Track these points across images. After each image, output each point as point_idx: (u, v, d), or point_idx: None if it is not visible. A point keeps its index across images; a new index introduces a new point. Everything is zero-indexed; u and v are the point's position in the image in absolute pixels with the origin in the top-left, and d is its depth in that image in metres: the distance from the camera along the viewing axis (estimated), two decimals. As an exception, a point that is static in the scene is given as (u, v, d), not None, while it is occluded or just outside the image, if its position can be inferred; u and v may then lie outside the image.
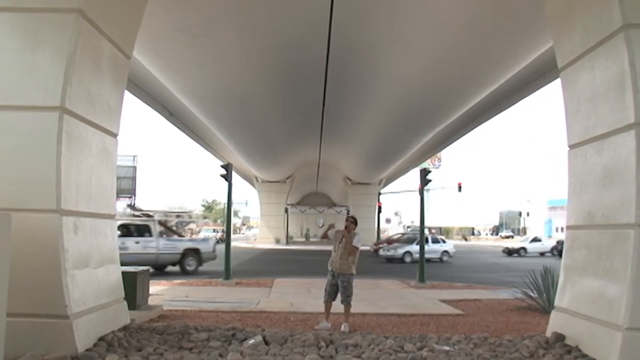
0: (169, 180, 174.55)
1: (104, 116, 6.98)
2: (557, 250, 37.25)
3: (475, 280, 18.15)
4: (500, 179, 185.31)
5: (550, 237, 79.97)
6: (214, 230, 63.94)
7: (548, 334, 6.99)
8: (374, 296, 12.82)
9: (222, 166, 16.39)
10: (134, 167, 37.31)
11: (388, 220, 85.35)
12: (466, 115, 24.46)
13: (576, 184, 6.95)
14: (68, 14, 6.00)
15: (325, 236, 9.13)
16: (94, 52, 6.58)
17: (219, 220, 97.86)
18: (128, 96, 19.64)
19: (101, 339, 6.21)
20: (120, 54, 7.30)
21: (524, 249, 41.05)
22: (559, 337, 6.65)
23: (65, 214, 5.89)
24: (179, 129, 30.49)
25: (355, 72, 17.42)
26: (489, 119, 26.47)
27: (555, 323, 7.03)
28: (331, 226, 9.19)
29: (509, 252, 40.93)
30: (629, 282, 5.65)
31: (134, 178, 37.12)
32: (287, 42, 14.69)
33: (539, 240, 43.08)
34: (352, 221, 8.96)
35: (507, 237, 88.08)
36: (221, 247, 18.46)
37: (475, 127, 28.87)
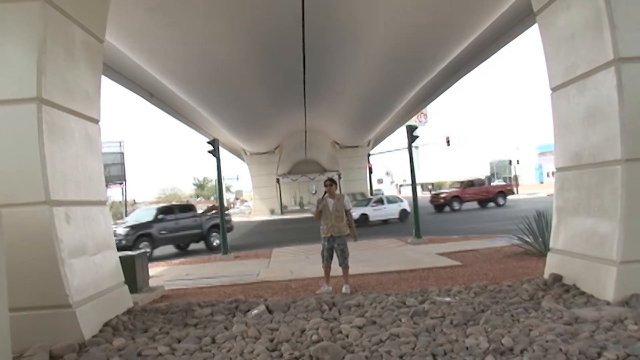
0: (158, 163, 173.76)
1: (83, 103, 6.91)
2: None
3: (473, 231, 18.32)
4: (488, 130, 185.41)
5: (541, 182, 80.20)
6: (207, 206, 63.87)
7: (546, 275, 7.13)
8: (372, 256, 12.94)
9: (209, 142, 16.31)
10: (122, 153, 37.05)
11: (380, 181, 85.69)
12: (448, 68, 24.32)
13: (561, 126, 7.00)
14: (33, 3, 5.89)
15: (319, 215, 8.89)
16: (66, 39, 6.48)
17: (211, 198, 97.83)
18: (107, 81, 19.49)
19: (106, 324, 6.27)
20: (92, 38, 7.19)
21: (457, 198, 34.17)
22: (557, 278, 6.77)
23: (55, 204, 5.88)
24: (162, 109, 30.18)
25: (333, 35, 17.24)
26: (471, 70, 26.34)
27: (552, 264, 7.16)
28: (320, 201, 9.01)
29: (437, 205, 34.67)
30: (620, 218, 5.75)
31: (122, 164, 36.89)
32: (260, 13, 14.49)
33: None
34: (330, 183, 8.92)
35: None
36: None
37: (458, 79, 28.73)
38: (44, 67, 5.89)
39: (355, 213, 25.78)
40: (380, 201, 28.27)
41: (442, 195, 35.38)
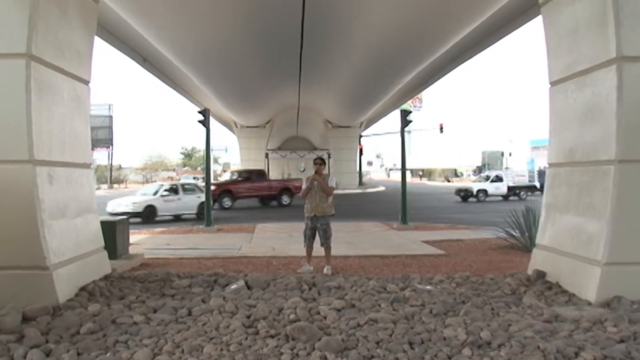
0: (146, 129, 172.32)
1: (74, 62, 6.79)
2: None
3: (460, 220, 18.42)
4: (482, 120, 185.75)
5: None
6: (195, 177, 63.46)
7: (529, 271, 7.15)
8: (355, 239, 12.95)
9: (200, 112, 16.20)
10: (110, 117, 36.88)
11: (370, 163, 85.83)
12: (447, 55, 24.18)
13: (557, 122, 6.97)
14: (28, -44, 5.74)
15: (307, 193, 8.82)
16: (60, -4, 6.34)
17: (199, 168, 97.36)
18: (100, 43, 19.20)
19: (82, 288, 6.24)
20: (87, -4, 7.06)
21: (484, 191, 33.02)
22: (540, 274, 6.80)
23: (38, 164, 5.79)
24: (154, 75, 29.87)
25: (333, 11, 17.05)
26: (469, 58, 26.26)
27: (537, 260, 7.18)
28: (311, 180, 8.95)
29: (464, 196, 33.36)
30: (609, 218, 5.75)
31: (110, 128, 36.77)
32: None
33: (500, 180, 33.99)
34: (320, 162, 8.95)
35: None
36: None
37: (456, 66, 28.65)
38: (35, 23, 5.76)
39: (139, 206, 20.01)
40: (173, 190, 21.55)
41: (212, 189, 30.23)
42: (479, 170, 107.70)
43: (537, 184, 34.01)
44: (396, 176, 77.02)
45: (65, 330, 4.92)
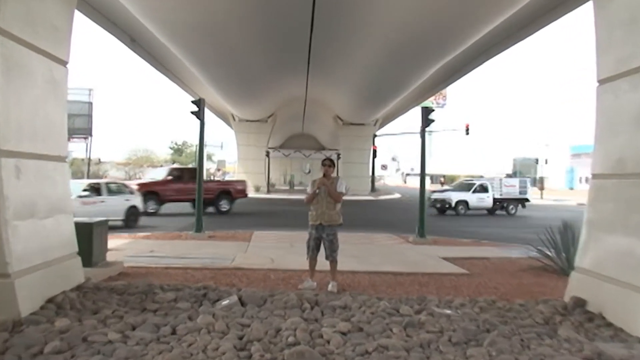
0: (132, 120, 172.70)
1: (50, 40, 6.73)
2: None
3: (486, 235, 18.27)
4: (514, 121, 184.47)
5: (572, 189, 79.51)
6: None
7: (566, 298, 7.02)
8: (365, 252, 12.89)
9: (193, 102, 16.15)
10: (90, 103, 36.87)
11: (384, 167, 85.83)
12: (476, 46, 24.12)
13: (605, 126, 6.85)
14: None
15: (312, 199, 8.75)
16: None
17: (190, 165, 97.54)
18: (80, 18, 19.15)
19: (50, 300, 6.16)
20: (67, -37, 7.01)
21: (464, 203, 31.01)
22: (579, 302, 6.66)
23: (4, 155, 5.73)
24: (143, 58, 29.92)
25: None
26: (502, 51, 26.17)
27: (575, 286, 7.05)
28: (319, 183, 8.87)
29: (441, 208, 31.23)
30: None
31: (89, 116, 36.73)
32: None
33: (485, 190, 31.74)
34: (330, 164, 8.86)
35: None
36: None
37: (486, 60, 28.58)
38: (2, -10, 5.70)
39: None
40: (95, 189, 19.10)
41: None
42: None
43: (529, 196, 33.22)
44: (414, 182, 77.00)
45: (25, 349, 4.83)
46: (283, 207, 32.90)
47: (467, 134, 50.91)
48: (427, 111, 16.50)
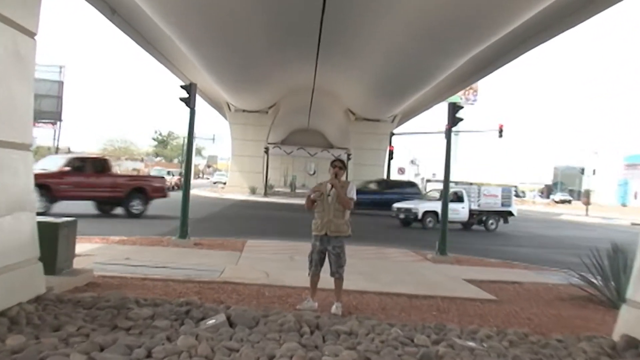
0: (110, 105, 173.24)
1: (16, 7, 6.71)
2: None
3: (516, 256, 18.19)
4: (556, 123, 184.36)
5: (624, 205, 78.71)
6: (169, 172, 63.70)
7: (615, 336, 6.93)
8: (376, 269, 12.87)
9: (183, 87, 16.16)
10: (60, 83, 36.91)
11: (401, 171, 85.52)
12: (513, 35, 24.11)
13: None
14: None
15: (312, 204, 8.75)
16: None
17: (176, 160, 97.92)
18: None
19: (2, 313, 6.12)
20: None
21: (433, 214, 28.73)
22: (632, 343, 6.55)
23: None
24: (126, 33, 30.02)
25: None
26: (544, 41, 26.19)
27: (627, 322, 6.94)
28: (316, 190, 8.83)
29: (405, 219, 29.76)
30: None
31: (59, 97, 36.71)
32: None
33: (460, 200, 29.76)
34: (341, 165, 8.76)
35: (563, 201, 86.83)
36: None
37: (526, 51, 28.62)
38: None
39: None
40: None
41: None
42: (548, 189, 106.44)
43: (514, 209, 31.49)
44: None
45: (-33, 373, 4.81)
46: (282, 213, 32.90)
47: (501, 136, 50.81)
48: (454, 108, 16.46)
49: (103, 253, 12.58)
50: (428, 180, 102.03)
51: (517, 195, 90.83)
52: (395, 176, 55.21)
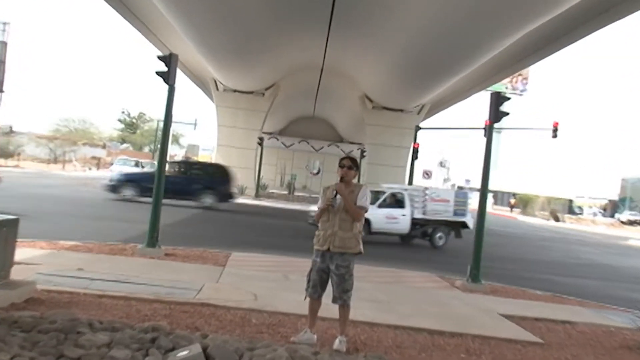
0: (66, 76, 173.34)
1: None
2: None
3: (568, 288, 18.08)
4: (624, 125, 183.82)
5: None
6: (137, 163, 63.46)
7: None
8: (392, 296, 12.90)
9: (161, 58, 16.14)
10: (3, 43, 36.93)
11: (427, 174, 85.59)
12: (574, 13, 24.07)
13: None
14: None
15: (321, 215, 8.65)
16: None
17: (147, 148, 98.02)
18: None
19: None
20: None
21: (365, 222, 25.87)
22: None
23: None
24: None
25: None
26: (616, 20, 26.11)
27: None
28: (329, 189, 8.73)
29: None
30: None
31: (1, 62, 36.70)
32: None
33: (400, 205, 28.02)
34: (350, 165, 8.65)
35: (632, 222, 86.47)
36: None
37: (591, 32, 28.57)
38: None
39: None
40: None
41: None
42: (613, 206, 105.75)
43: (469, 220, 28.25)
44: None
45: None
46: (277, 221, 32.93)
47: (555, 136, 50.61)
48: (498, 99, 16.37)
49: (50, 261, 12.56)
50: (459, 187, 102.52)
51: (572, 212, 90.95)
52: (419, 181, 54.91)
